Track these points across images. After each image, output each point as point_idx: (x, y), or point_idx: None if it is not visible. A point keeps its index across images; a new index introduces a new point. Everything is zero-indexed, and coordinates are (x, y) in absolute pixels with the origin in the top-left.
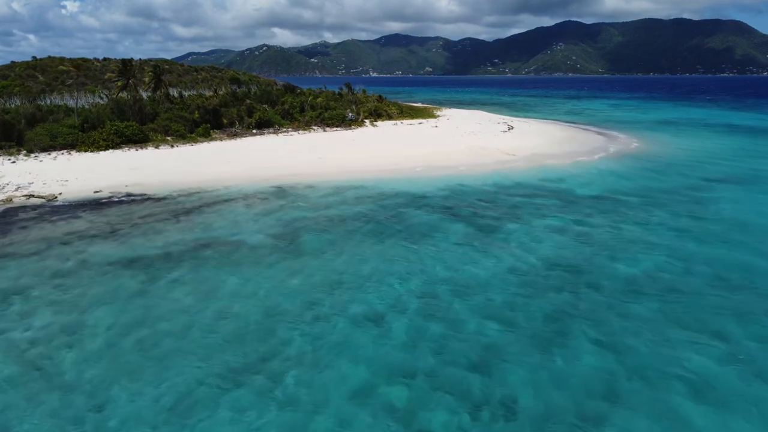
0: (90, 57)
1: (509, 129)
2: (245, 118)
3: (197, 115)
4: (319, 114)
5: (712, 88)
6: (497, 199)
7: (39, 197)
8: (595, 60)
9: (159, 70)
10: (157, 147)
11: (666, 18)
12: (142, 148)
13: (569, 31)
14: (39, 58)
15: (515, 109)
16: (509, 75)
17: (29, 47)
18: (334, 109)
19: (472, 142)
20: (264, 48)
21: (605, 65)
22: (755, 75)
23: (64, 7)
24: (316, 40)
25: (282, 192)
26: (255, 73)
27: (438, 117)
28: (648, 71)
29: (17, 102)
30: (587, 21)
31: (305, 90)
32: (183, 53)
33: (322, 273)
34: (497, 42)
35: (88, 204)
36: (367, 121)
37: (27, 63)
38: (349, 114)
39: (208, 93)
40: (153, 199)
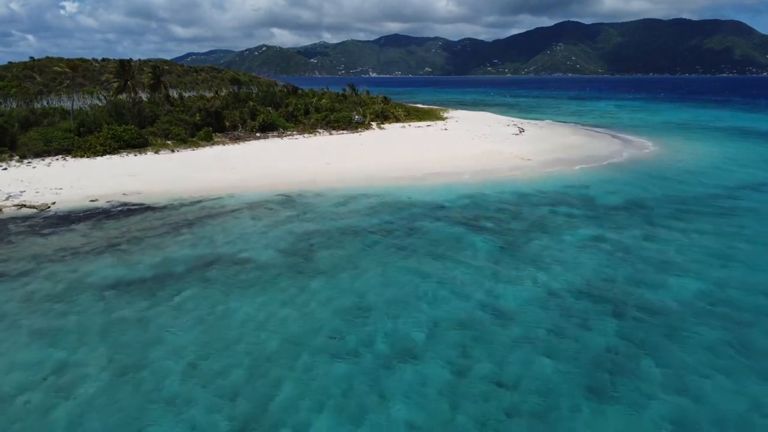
0: (89, 57)
1: (520, 132)
2: (248, 120)
3: (198, 118)
4: (325, 116)
5: (714, 88)
6: (521, 210)
7: (31, 207)
8: (595, 60)
9: (158, 70)
10: (157, 152)
11: (665, 18)
12: (141, 153)
13: (568, 32)
14: (37, 58)
15: (520, 110)
16: (509, 75)
17: (28, 48)
18: (339, 111)
19: (486, 146)
20: (263, 48)
21: (605, 65)
22: (755, 75)
23: (62, 8)
24: (315, 40)
25: (290, 201)
26: (255, 74)
27: (446, 119)
28: (647, 71)
29: (13, 104)
30: (586, 21)
31: (308, 91)
32: (182, 54)
33: (341, 297)
34: (496, 42)
35: (83, 214)
36: (374, 124)
37: (24, 64)
38: (356, 116)
39: (208, 94)
40: (152, 209)
